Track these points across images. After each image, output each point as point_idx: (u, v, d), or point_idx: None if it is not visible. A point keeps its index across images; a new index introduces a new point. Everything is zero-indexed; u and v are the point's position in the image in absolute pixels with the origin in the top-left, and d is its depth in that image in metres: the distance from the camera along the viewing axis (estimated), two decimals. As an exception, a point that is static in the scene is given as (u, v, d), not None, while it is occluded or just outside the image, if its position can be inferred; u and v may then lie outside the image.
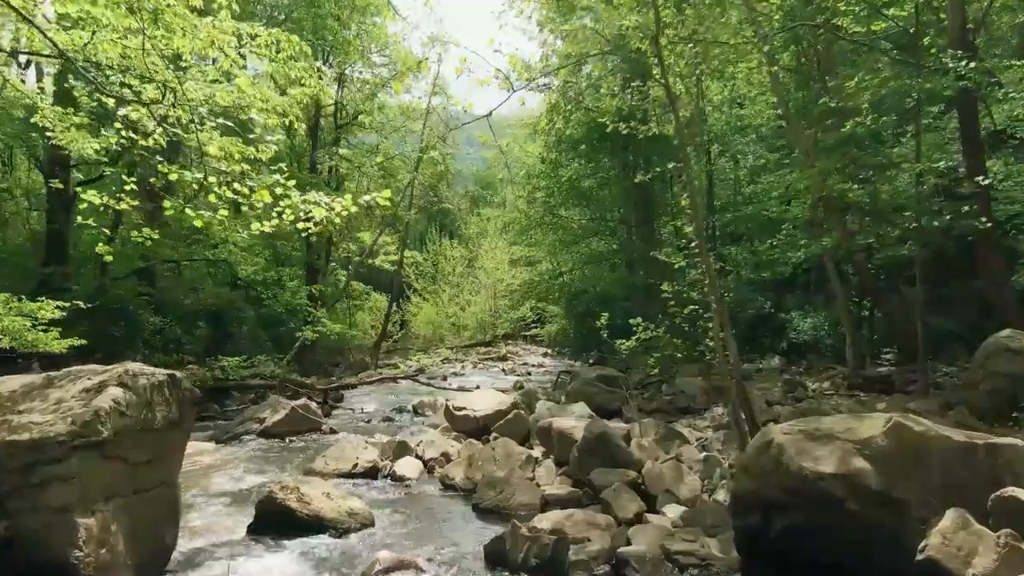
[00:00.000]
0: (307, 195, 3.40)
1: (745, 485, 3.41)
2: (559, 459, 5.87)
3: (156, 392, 3.82)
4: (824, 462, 2.98)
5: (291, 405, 8.08)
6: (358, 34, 18.37)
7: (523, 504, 4.97)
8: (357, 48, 18.19)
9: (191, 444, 7.27)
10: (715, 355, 5.92)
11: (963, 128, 7.34)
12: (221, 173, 3.43)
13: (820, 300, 14.11)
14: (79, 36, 3.90)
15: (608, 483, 4.98)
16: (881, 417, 3.14)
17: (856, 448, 2.97)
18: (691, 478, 5.05)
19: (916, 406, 6.49)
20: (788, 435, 3.20)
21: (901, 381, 8.59)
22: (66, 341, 5.96)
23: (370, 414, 10.28)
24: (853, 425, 3.14)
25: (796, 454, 3.07)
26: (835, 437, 3.06)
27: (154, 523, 3.85)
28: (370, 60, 19.38)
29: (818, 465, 2.98)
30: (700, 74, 6.30)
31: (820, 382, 9.33)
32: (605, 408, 8.33)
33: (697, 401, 8.75)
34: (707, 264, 5.24)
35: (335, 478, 5.87)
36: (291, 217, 3.59)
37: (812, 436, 3.13)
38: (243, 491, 5.46)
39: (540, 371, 17.36)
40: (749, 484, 3.36)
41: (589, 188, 16.89)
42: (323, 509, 4.52)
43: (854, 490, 2.91)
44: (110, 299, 11.87)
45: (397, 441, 6.56)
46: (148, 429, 3.71)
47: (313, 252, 19.13)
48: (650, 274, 14.97)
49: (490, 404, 7.51)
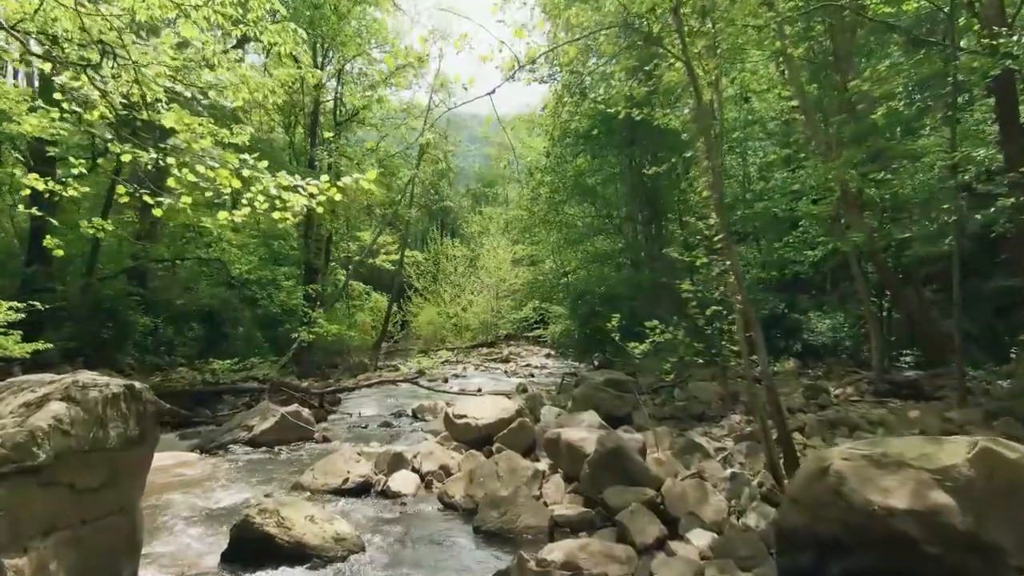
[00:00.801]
0: (279, 176, 2.91)
1: (795, 519, 2.90)
2: (568, 474, 5.37)
3: (110, 406, 3.32)
4: (895, 495, 2.48)
5: (281, 412, 7.60)
6: (358, 30, 17.91)
7: (530, 527, 4.48)
8: (356, 43, 17.71)
9: (172, 455, 6.85)
10: (739, 359, 5.42)
11: (1001, 113, 6.81)
12: (179, 152, 2.96)
13: (834, 300, 13.60)
14: (29, 4, 3.43)
15: (624, 503, 4.49)
16: (963, 441, 2.64)
17: (934, 479, 2.47)
18: (716, 498, 4.53)
19: (957, 416, 5.96)
20: (849, 461, 2.69)
21: (930, 386, 8.06)
22: (30, 345, 5.46)
23: (367, 419, 9.81)
24: (929, 450, 2.63)
25: (860, 484, 2.57)
26: (907, 464, 2.56)
27: (109, 556, 3.37)
28: (370, 56, 18.91)
29: (888, 499, 2.48)
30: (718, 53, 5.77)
31: (843, 387, 8.80)
32: (614, 415, 7.83)
33: (712, 408, 8.23)
34: (733, 260, 4.73)
35: (324, 494, 5.40)
36: (264, 205, 3.11)
37: (878, 463, 2.63)
38: (221, 510, 4.97)
39: (543, 373, 16.89)
40: (800, 518, 2.86)
41: (594, 184, 16.36)
42: (306, 535, 4.03)
43: (933, 530, 2.41)
44: (99, 299, 11.43)
45: (392, 453, 6.07)
46: (99, 449, 3.22)
47: (312, 251, 18.68)
48: (658, 273, 14.48)
49: (492, 412, 7.01)
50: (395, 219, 24.20)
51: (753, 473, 5.18)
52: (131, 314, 11.88)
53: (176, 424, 9.10)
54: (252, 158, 2.93)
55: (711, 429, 7.37)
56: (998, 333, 10.06)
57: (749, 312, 4.62)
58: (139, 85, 2.79)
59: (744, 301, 4.66)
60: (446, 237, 29.33)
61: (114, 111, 3.02)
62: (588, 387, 8.70)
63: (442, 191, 33.46)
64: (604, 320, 10.93)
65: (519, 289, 24.57)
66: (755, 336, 4.53)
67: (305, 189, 2.95)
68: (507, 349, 24.30)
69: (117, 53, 2.79)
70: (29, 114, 3.34)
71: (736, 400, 8.36)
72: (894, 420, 6.46)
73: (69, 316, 10.55)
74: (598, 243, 17.65)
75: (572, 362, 17.66)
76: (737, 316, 5.25)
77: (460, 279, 26.12)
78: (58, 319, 10.65)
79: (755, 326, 4.56)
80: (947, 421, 5.88)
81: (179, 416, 9.37)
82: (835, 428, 6.27)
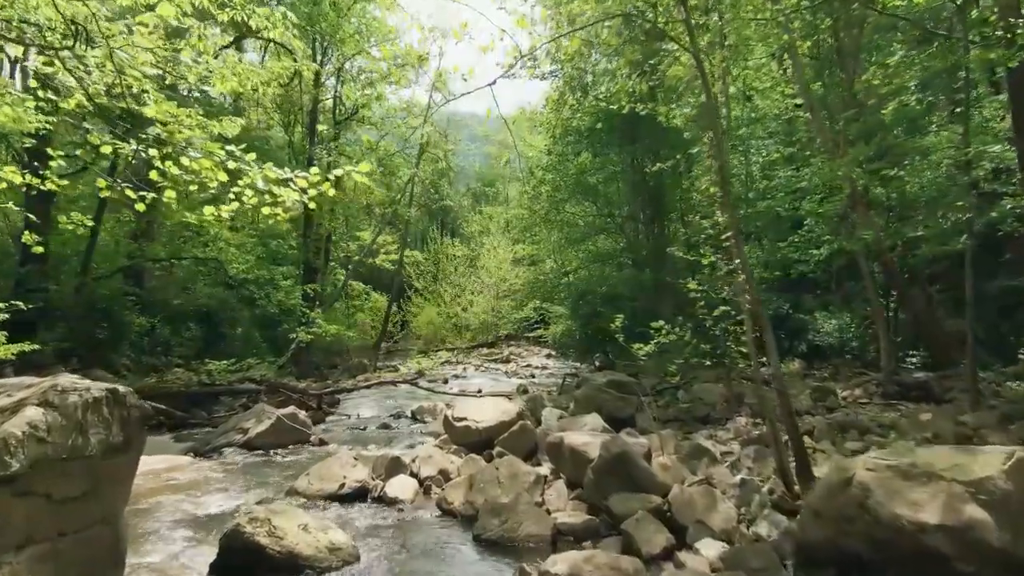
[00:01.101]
0: (265, 168, 2.74)
1: (815, 533, 2.74)
2: (571, 480, 5.21)
3: (91, 411, 3.15)
4: (926, 509, 2.32)
5: (277, 414, 7.43)
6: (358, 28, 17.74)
7: (531, 535, 4.32)
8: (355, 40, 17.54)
9: (165, 458, 6.68)
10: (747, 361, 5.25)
11: (1014, 108, 6.63)
12: (160, 144, 2.79)
13: (838, 300, 13.41)
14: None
15: (629, 511, 4.32)
16: (998, 452, 2.47)
17: (968, 492, 2.31)
18: (725, 506, 4.36)
19: (971, 420, 5.79)
20: (874, 472, 2.52)
21: (940, 388, 7.89)
22: (15, 346, 5.28)
23: (366, 420, 9.65)
24: (961, 461, 2.47)
25: (887, 497, 2.41)
26: (938, 476, 2.40)
27: (90, 569, 3.20)
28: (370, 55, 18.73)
29: (918, 513, 2.31)
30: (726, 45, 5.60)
31: (850, 389, 8.62)
32: (617, 417, 7.66)
33: (717, 410, 8.05)
34: (742, 258, 4.56)
35: (319, 500, 5.24)
36: (253, 200, 2.94)
37: (907, 474, 2.46)
38: (212, 517, 4.81)
39: (544, 373, 16.72)
40: (821, 532, 2.69)
41: (596, 183, 16.18)
42: (299, 545, 3.86)
43: (967, 547, 2.24)
44: (93, 299, 11.26)
45: (390, 457, 5.90)
46: (79, 457, 3.05)
47: (311, 250, 18.53)
48: (660, 273, 14.31)
49: (493, 414, 6.85)
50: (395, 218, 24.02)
51: (762, 479, 5.02)
52: (127, 314, 11.71)
53: (172, 426, 8.94)
54: (239, 150, 2.77)
55: (716, 432, 7.20)
56: (1003, 333, 9.90)
57: (760, 312, 4.45)
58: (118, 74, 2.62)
59: (755, 301, 4.50)
60: (446, 237, 29.14)
61: (91, 99, 2.85)
62: (590, 388, 8.53)
63: (442, 190, 33.31)
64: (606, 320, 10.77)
65: (519, 289, 24.40)
66: (766, 337, 4.36)
67: (296, 183, 2.79)
68: (507, 349, 24.14)
69: (91, 34, 2.62)
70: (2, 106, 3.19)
71: (741, 402, 8.19)
72: (905, 424, 6.29)
73: (63, 316, 10.39)
74: (599, 242, 17.48)
75: (573, 363, 17.49)
76: (745, 316, 5.09)
77: (460, 279, 25.95)
78: (51, 319, 10.49)
79: (766, 326, 4.39)
80: (960, 425, 5.72)
81: (175, 418, 9.21)
82: (845, 432, 6.11)
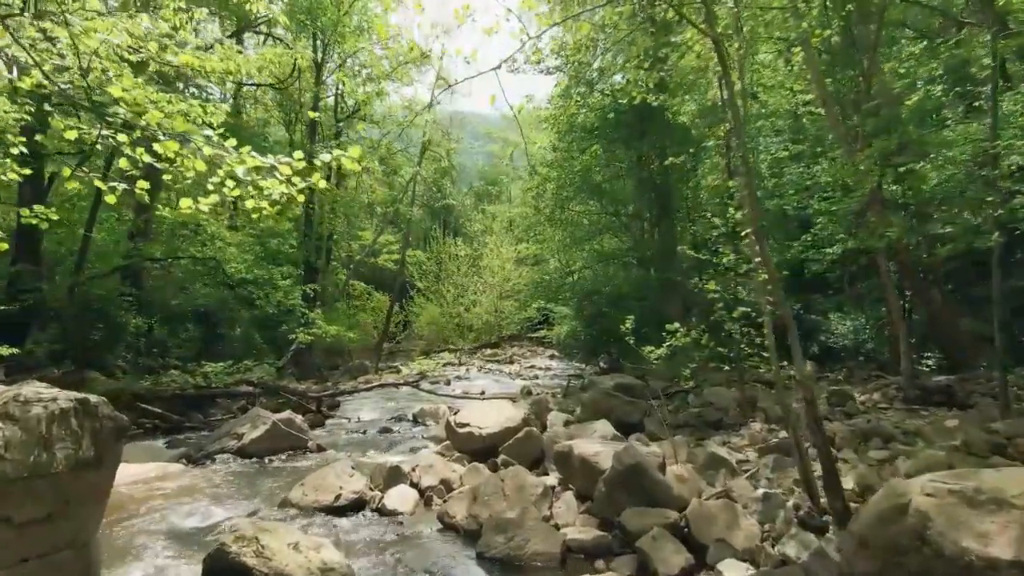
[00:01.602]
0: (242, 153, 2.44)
1: (864, 565, 2.43)
2: (581, 492, 4.91)
3: (57, 424, 2.88)
4: (997, 542, 2.02)
5: (272, 419, 7.14)
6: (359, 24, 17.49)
7: (539, 553, 4.02)
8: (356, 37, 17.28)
9: (155, 466, 6.39)
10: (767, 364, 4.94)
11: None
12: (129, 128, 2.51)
13: (850, 300, 13.08)
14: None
15: (644, 527, 4.03)
16: (1079, 475, 2.18)
17: (1047, 523, 2.02)
18: (748, 522, 4.06)
19: (1002, 427, 5.47)
20: (934, 498, 2.23)
21: (963, 392, 7.56)
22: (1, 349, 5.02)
23: (366, 423, 9.38)
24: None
25: (950, 527, 2.12)
26: (1009, 504, 2.10)
27: (57, 596, 2.93)
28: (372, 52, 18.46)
29: (988, 546, 2.02)
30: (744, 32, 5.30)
31: (869, 393, 8.29)
32: (625, 422, 7.38)
33: (730, 415, 7.75)
34: (765, 257, 4.26)
35: (314, 512, 4.96)
36: (235, 192, 2.67)
37: (971, 500, 2.17)
38: (200, 530, 4.53)
39: (548, 375, 16.45)
40: (870, 564, 2.39)
41: (601, 181, 15.87)
42: (288, 566, 3.57)
43: (1048, 587, 1.95)
44: (88, 299, 11.00)
45: (389, 466, 5.62)
46: (43, 475, 2.78)
47: (311, 250, 18.27)
48: (667, 272, 13.98)
49: (497, 420, 6.56)
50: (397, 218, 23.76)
51: (784, 491, 4.72)
52: (123, 315, 11.45)
53: (166, 430, 8.68)
54: (216, 134, 2.49)
55: (730, 438, 6.90)
56: (1014, 334, 9.60)
57: (786, 313, 4.15)
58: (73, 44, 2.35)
59: (779, 301, 4.20)
60: (449, 236, 28.84)
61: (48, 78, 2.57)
62: (597, 392, 8.24)
63: (445, 189, 33.04)
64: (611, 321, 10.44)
65: (523, 289, 24.10)
66: (791, 339, 4.06)
67: (279, 170, 2.51)
68: (511, 350, 23.88)
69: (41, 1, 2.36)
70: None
71: (755, 407, 7.89)
72: (931, 431, 5.97)
73: (56, 316, 10.15)
74: (605, 241, 17.17)
75: (577, 364, 17.20)
76: (766, 317, 4.79)
77: (463, 279, 25.66)
78: (45, 320, 10.25)
79: (791, 327, 4.09)
80: (992, 433, 5.39)
81: (170, 422, 8.96)
82: (868, 439, 5.79)
